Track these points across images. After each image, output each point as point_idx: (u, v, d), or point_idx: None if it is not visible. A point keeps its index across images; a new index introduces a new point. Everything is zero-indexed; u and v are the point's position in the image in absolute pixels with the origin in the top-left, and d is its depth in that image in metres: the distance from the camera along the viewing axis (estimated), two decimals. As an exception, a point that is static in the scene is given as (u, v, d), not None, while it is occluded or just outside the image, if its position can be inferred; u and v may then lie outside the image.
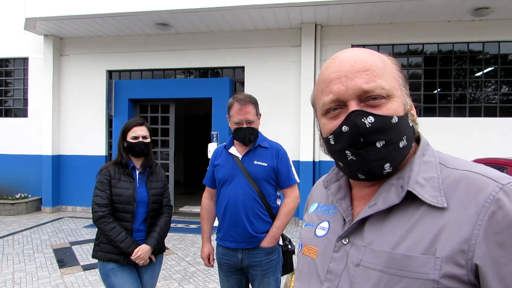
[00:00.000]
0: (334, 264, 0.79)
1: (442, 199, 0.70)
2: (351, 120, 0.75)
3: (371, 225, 0.77)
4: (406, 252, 0.69)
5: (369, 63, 0.77)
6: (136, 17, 7.08)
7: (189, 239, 6.23)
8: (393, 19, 7.00)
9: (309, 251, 0.88)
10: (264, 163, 2.37)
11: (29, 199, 8.30)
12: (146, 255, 2.46)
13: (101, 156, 8.34)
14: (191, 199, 9.61)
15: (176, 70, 8.35)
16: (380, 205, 0.76)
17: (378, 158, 0.75)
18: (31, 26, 7.61)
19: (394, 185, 0.76)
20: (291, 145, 7.30)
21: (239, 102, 2.32)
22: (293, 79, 7.50)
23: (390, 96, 0.76)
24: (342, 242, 0.80)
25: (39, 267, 4.87)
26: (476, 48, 7.15)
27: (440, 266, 0.65)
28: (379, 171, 0.76)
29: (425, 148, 0.82)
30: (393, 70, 0.81)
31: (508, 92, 7.10)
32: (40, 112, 8.45)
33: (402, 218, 0.73)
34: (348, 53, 0.81)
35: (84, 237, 6.34)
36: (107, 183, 2.47)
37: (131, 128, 2.55)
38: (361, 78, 0.76)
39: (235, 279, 2.44)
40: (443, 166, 0.77)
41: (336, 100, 0.78)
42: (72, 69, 8.49)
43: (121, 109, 8.05)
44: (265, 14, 6.87)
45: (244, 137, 2.35)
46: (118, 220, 2.46)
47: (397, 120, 0.75)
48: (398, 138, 0.75)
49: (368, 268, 0.73)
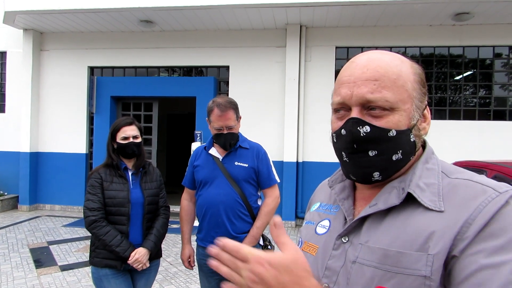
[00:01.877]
0: (332, 261, 0.82)
1: (440, 204, 0.72)
2: (348, 126, 0.78)
3: (370, 224, 0.79)
4: (400, 249, 0.71)
5: (380, 73, 0.77)
6: (119, 13, 6.97)
7: (171, 239, 6.18)
8: (377, 22, 7.10)
9: (308, 248, 0.90)
10: (245, 163, 2.37)
11: (5, 197, 8.08)
12: (144, 259, 2.34)
13: (81, 154, 8.19)
14: (174, 199, 9.50)
15: (160, 68, 8.27)
16: (381, 205, 0.78)
17: (368, 165, 0.78)
18: (10, 20, 7.40)
19: (396, 188, 0.79)
20: (275, 146, 7.32)
21: (219, 108, 2.29)
22: (278, 79, 7.52)
23: (394, 109, 0.77)
24: (342, 240, 0.83)
25: (14, 267, 4.75)
26: (456, 52, 7.31)
27: (432, 263, 0.67)
28: (367, 177, 0.80)
29: (430, 156, 0.84)
30: (408, 82, 0.79)
31: (487, 95, 7.28)
32: (18, 108, 8.24)
33: (399, 219, 0.76)
34: (365, 57, 0.81)
35: (62, 236, 6.21)
36: (99, 186, 2.35)
37: (120, 128, 2.43)
38: (367, 87, 0.77)
39: (216, 280, 2.42)
40: (444, 175, 0.78)
41: (342, 103, 0.81)
42: (52, 64, 8.30)
43: (103, 107, 7.91)
44: (251, 14, 6.87)
45: (225, 143, 2.35)
46: (113, 224, 2.34)
47: (395, 133, 0.77)
48: (392, 151, 0.78)
49: (363, 265, 0.75)
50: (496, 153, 6.65)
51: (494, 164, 3.83)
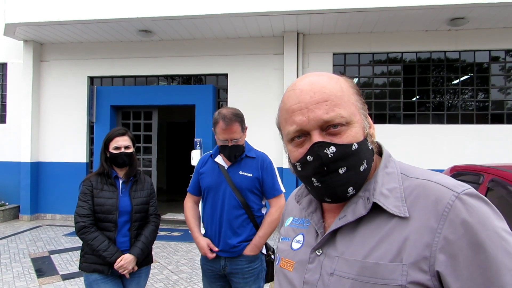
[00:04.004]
0: (309, 275, 0.84)
1: (405, 209, 0.76)
2: (315, 151, 0.79)
3: (342, 235, 0.82)
4: (376, 260, 0.74)
5: (327, 93, 0.81)
6: (119, 23, 7.04)
7: (172, 247, 6.19)
8: (373, 28, 7.16)
9: (286, 264, 0.92)
10: (249, 173, 2.39)
11: (6, 207, 8.09)
12: (129, 265, 2.41)
13: (82, 163, 8.22)
14: (174, 207, 9.53)
15: (159, 76, 8.32)
16: (350, 216, 0.81)
17: (342, 183, 0.80)
18: (10, 32, 7.48)
19: (361, 197, 0.82)
20: (274, 152, 7.34)
21: (224, 121, 2.29)
22: (276, 86, 7.57)
23: (349, 123, 0.81)
24: (316, 253, 0.85)
25: (16, 276, 4.76)
26: (453, 56, 7.36)
27: (407, 272, 0.70)
28: (343, 194, 0.81)
29: (388, 160, 0.88)
30: (350, 95, 0.84)
31: (484, 99, 7.32)
32: (19, 118, 8.29)
33: (370, 228, 0.79)
34: (306, 82, 0.84)
35: (63, 245, 6.23)
36: (89, 193, 2.45)
37: (113, 138, 2.53)
38: (321, 109, 0.80)
39: (219, 286, 2.45)
40: (404, 176, 0.83)
41: (300, 130, 0.82)
42: (52, 75, 8.37)
43: (103, 116, 7.96)
44: (248, 23, 6.94)
45: (230, 155, 2.37)
46: (101, 230, 2.43)
47: (356, 146, 0.80)
48: (358, 163, 0.81)
49: (341, 277, 0.78)
50: (494, 156, 6.67)
51: (492, 167, 3.84)
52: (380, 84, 7.56)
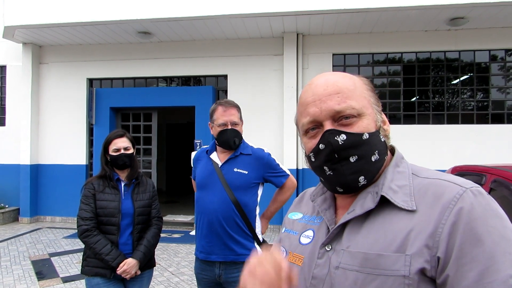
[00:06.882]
0: (318, 270, 0.85)
1: (412, 203, 0.78)
2: (326, 139, 0.83)
3: (350, 229, 0.83)
4: (379, 251, 0.75)
5: (340, 86, 0.85)
6: (118, 25, 7.03)
7: (172, 249, 6.17)
8: (373, 29, 7.16)
9: (294, 259, 0.93)
10: (245, 170, 2.31)
11: (6, 210, 8.07)
12: (132, 270, 2.39)
13: (82, 165, 8.20)
14: (174, 208, 9.51)
15: (159, 78, 8.31)
16: (358, 210, 0.83)
17: (352, 171, 0.83)
18: (9, 34, 7.47)
19: (370, 193, 0.84)
20: (274, 153, 7.29)
21: (222, 105, 2.31)
22: (276, 87, 7.56)
23: (361, 115, 0.84)
24: (325, 248, 0.86)
25: (17, 279, 4.74)
26: (452, 56, 7.36)
27: (409, 263, 0.71)
28: (354, 183, 0.84)
29: (400, 160, 0.89)
30: (364, 91, 0.88)
31: (484, 99, 7.32)
32: (18, 121, 8.27)
33: (377, 221, 0.80)
34: (322, 78, 0.89)
35: (63, 248, 6.21)
36: (91, 196, 2.43)
37: (112, 140, 2.52)
38: (333, 101, 0.84)
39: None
40: (415, 176, 0.84)
41: (313, 121, 0.86)
42: (51, 77, 8.36)
43: (102, 118, 7.94)
44: (248, 23, 6.93)
45: (229, 139, 2.28)
46: (104, 233, 2.41)
47: (367, 136, 0.83)
48: (370, 153, 0.83)
49: (346, 270, 0.79)
50: (494, 156, 6.67)
51: (493, 168, 3.81)
52: (379, 84, 7.55)
